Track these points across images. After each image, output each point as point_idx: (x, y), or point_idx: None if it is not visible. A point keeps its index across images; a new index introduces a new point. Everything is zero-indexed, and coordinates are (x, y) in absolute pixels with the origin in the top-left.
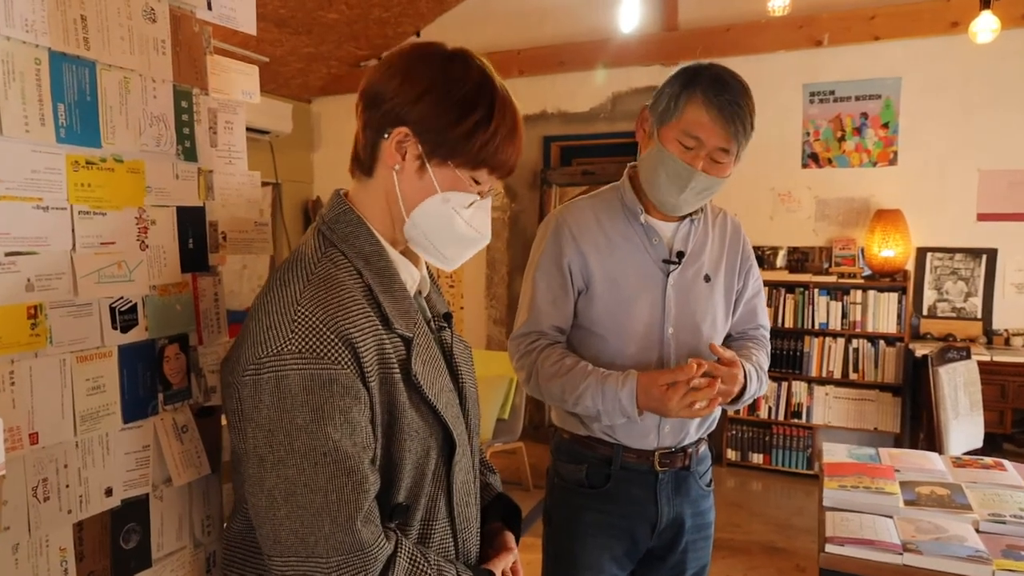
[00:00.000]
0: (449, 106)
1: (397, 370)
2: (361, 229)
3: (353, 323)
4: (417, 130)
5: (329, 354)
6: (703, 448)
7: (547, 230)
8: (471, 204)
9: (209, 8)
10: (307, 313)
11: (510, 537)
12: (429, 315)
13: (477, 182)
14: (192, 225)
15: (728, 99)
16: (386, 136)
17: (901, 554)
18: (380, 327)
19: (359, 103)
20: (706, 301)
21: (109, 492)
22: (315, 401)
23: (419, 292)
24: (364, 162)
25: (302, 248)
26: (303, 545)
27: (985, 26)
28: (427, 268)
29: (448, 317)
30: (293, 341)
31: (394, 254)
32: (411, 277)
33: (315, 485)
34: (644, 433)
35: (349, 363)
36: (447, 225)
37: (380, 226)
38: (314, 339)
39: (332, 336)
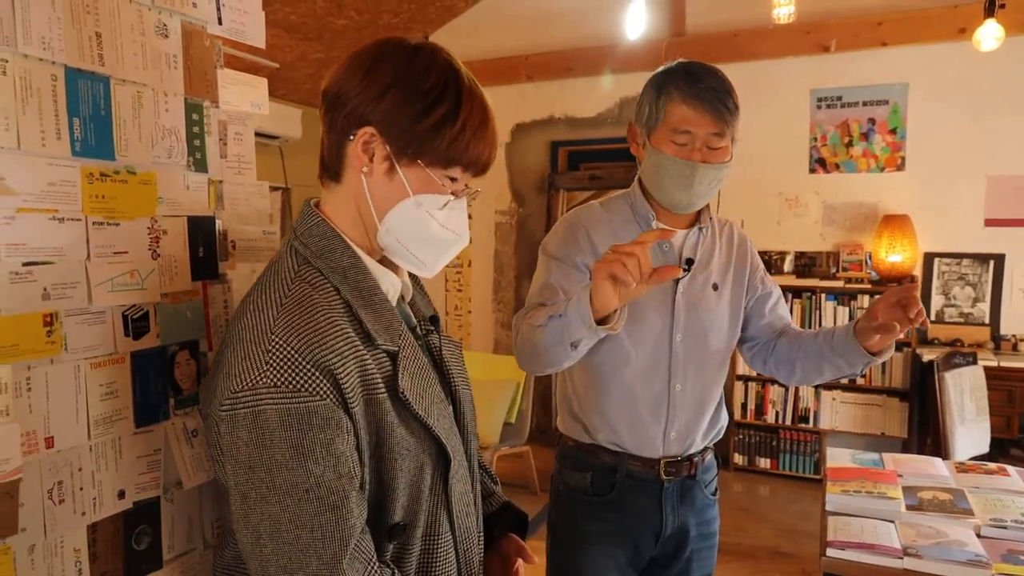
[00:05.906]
0: (413, 101)
1: (383, 389)
2: (336, 242)
3: (330, 349)
4: (383, 129)
5: (306, 386)
6: (709, 457)
7: (562, 228)
8: (445, 205)
9: (220, 23)
10: (281, 342)
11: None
12: (414, 321)
13: (452, 179)
14: (202, 234)
15: (703, 86)
16: (351, 138)
17: (901, 558)
18: (361, 346)
19: (321, 104)
20: (714, 309)
21: (122, 495)
22: (294, 436)
23: (402, 298)
24: (331, 167)
25: (276, 267)
26: None
27: (989, 34)
28: (409, 272)
29: (435, 320)
30: (267, 374)
31: (372, 264)
32: (392, 286)
33: (300, 522)
34: (650, 441)
35: (328, 393)
36: (422, 229)
37: (355, 235)
38: (289, 370)
39: (308, 366)
